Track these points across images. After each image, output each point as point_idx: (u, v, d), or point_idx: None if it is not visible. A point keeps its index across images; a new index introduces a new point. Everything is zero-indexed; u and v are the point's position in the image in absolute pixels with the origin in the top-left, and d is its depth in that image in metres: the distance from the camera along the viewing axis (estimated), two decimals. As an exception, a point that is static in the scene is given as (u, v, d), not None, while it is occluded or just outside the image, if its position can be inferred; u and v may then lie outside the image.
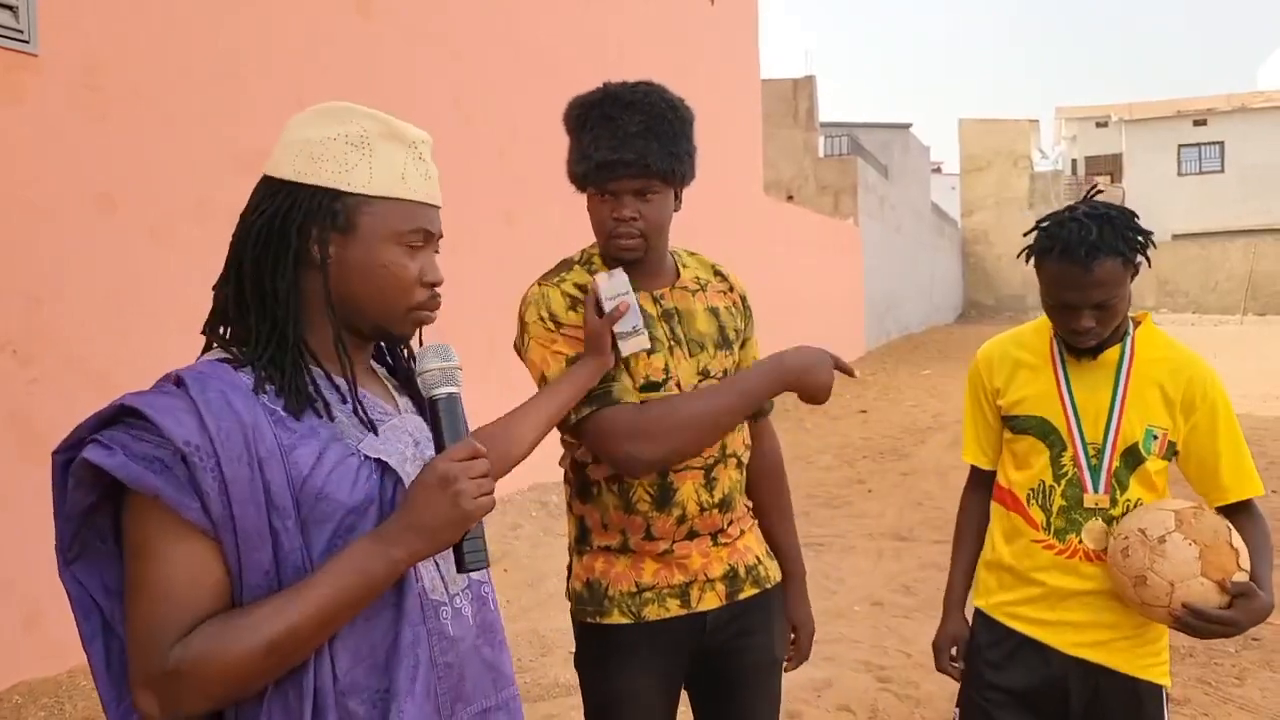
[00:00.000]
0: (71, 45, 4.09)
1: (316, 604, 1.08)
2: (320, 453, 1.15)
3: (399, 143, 1.24)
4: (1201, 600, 1.73)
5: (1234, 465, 1.93)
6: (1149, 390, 1.93)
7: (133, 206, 4.33)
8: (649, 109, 1.83)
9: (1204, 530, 1.77)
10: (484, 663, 1.29)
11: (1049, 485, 1.96)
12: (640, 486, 1.85)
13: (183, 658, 1.06)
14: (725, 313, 1.99)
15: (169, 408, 1.10)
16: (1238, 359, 17.62)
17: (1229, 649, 4.27)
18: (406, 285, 1.24)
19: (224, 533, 1.09)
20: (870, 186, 22.21)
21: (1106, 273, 1.82)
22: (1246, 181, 37.04)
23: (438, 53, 6.57)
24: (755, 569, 1.98)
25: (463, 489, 1.11)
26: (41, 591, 3.96)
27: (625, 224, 1.83)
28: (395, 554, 1.11)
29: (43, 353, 3.96)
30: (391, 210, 1.22)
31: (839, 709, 3.70)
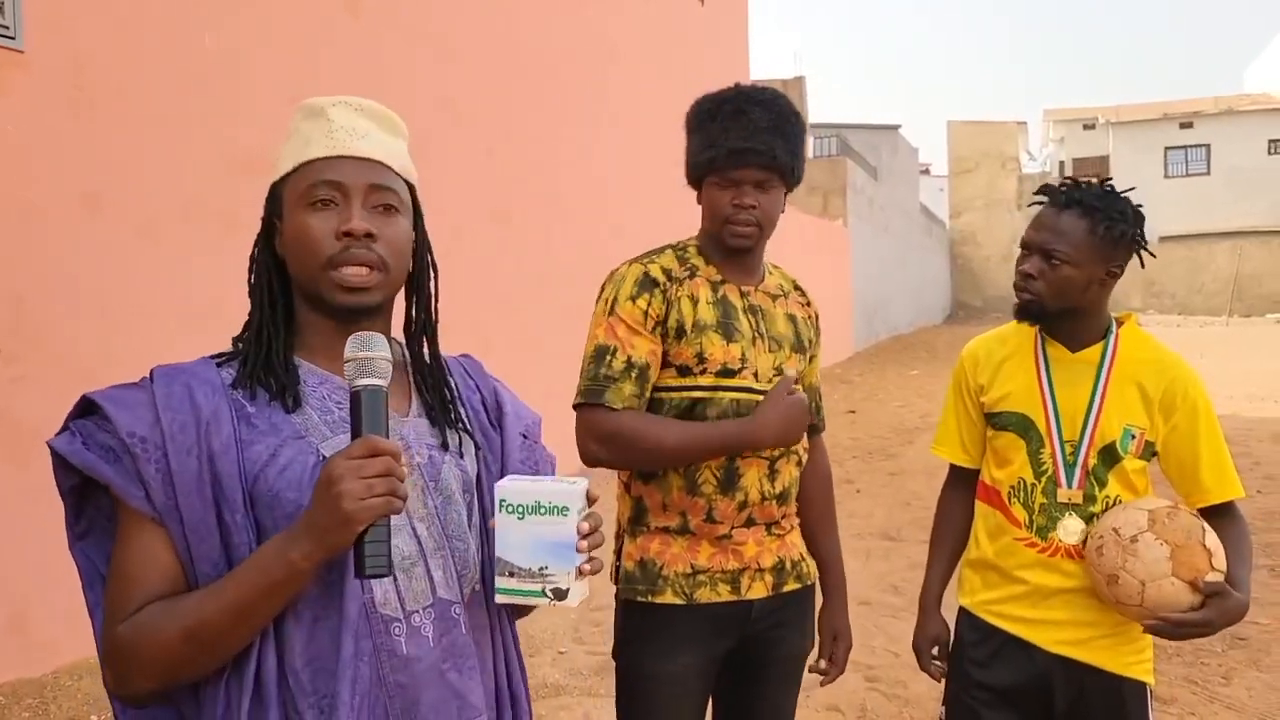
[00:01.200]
0: (58, 42, 4.06)
1: (226, 599, 1.08)
2: (275, 450, 1.16)
3: (311, 117, 1.26)
4: (1173, 600, 1.73)
5: (1214, 467, 1.93)
6: (1129, 390, 1.94)
7: (119, 205, 4.31)
8: (778, 109, 1.93)
9: (1177, 530, 1.77)
10: (449, 688, 1.21)
11: (1029, 482, 1.97)
12: (708, 469, 1.90)
13: (122, 635, 1.11)
14: (802, 322, 2.08)
15: (126, 401, 1.14)
16: (1224, 360, 17.72)
17: (1216, 648, 4.29)
18: (314, 242, 1.20)
19: (170, 521, 1.12)
20: (859, 188, 22.26)
21: (1068, 224, 1.88)
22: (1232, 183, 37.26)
23: (428, 52, 6.55)
24: (799, 565, 2.05)
25: (345, 489, 1.03)
26: (27, 592, 3.93)
27: (745, 211, 1.92)
28: (291, 554, 1.07)
29: (27, 351, 3.93)
30: (297, 178, 1.23)
31: (828, 709, 3.71)
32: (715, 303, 1.94)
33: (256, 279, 1.27)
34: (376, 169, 1.24)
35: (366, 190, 1.22)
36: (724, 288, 1.97)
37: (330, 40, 5.64)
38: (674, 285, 1.93)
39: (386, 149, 1.27)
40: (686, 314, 1.91)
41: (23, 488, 3.92)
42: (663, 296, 1.91)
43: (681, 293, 1.93)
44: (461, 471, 1.31)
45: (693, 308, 1.92)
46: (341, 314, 1.23)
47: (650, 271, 1.93)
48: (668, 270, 1.94)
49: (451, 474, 1.29)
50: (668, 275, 1.94)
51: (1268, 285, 32.71)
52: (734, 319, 1.94)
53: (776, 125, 1.91)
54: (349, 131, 1.24)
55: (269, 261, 1.26)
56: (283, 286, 1.27)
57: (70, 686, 3.88)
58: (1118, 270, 1.93)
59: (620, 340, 1.89)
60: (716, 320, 1.92)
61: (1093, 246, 1.87)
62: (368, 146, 1.24)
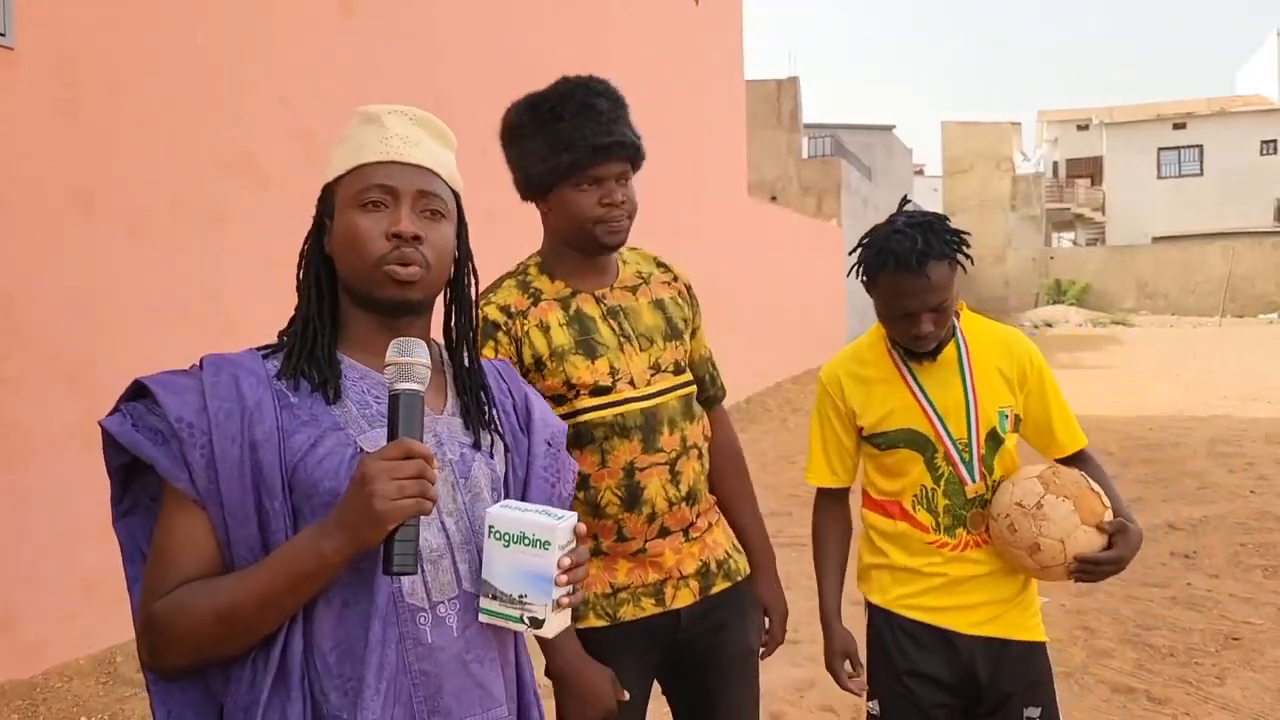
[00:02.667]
0: (48, 39, 4.03)
1: (257, 587, 1.13)
2: (315, 440, 1.20)
3: (367, 123, 1.31)
4: (1089, 547, 1.86)
5: (1064, 422, 2.09)
6: (990, 374, 2.05)
7: (109, 204, 4.28)
8: (613, 96, 1.87)
9: (1067, 484, 1.90)
10: (471, 679, 1.25)
11: (930, 488, 2.04)
12: (608, 489, 1.84)
13: (158, 611, 1.15)
14: (671, 303, 1.99)
15: (176, 386, 1.20)
16: (1217, 361, 17.78)
17: (1209, 649, 4.30)
18: (363, 241, 1.25)
19: (211, 505, 1.17)
20: (853, 188, 22.28)
21: (939, 276, 1.92)
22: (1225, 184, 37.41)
23: (419, 52, 6.53)
24: (726, 563, 1.99)
25: (378, 489, 1.08)
26: (16, 594, 3.90)
27: (618, 208, 1.84)
28: (324, 547, 1.11)
29: (16, 351, 3.90)
30: (350, 180, 1.28)
31: (822, 709, 3.70)
32: (569, 322, 1.86)
33: (305, 274, 1.32)
34: (426, 176, 1.29)
35: (416, 195, 1.28)
36: (576, 300, 1.89)
37: (321, 39, 5.61)
38: (517, 320, 1.84)
39: (436, 158, 1.32)
40: (540, 345, 1.83)
41: (12, 489, 3.89)
42: (508, 336, 1.83)
43: (528, 324, 1.84)
44: (491, 470, 1.35)
45: (544, 336, 1.84)
46: (386, 308, 1.28)
47: (489, 315, 1.84)
48: (506, 307, 1.86)
49: (481, 472, 1.33)
50: (508, 313, 1.85)
51: (1260, 286, 32.81)
52: (593, 333, 1.86)
53: (621, 114, 1.85)
54: (402, 139, 1.29)
55: (318, 259, 1.31)
56: (329, 284, 1.32)
57: (60, 688, 3.85)
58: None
59: None
60: (574, 341, 1.84)
61: (953, 275, 1.96)
62: (419, 154, 1.30)
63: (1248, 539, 5.96)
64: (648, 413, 1.87)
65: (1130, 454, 8.86)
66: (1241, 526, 6.24)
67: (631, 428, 1.85)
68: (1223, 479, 7.76)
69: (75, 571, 4.08)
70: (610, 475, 1.85)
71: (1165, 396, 12.96)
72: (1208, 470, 8.13)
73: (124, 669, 4.05)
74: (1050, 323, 30.57)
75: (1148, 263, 34.81)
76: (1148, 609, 4.78)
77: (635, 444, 1.85)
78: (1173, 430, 10.15)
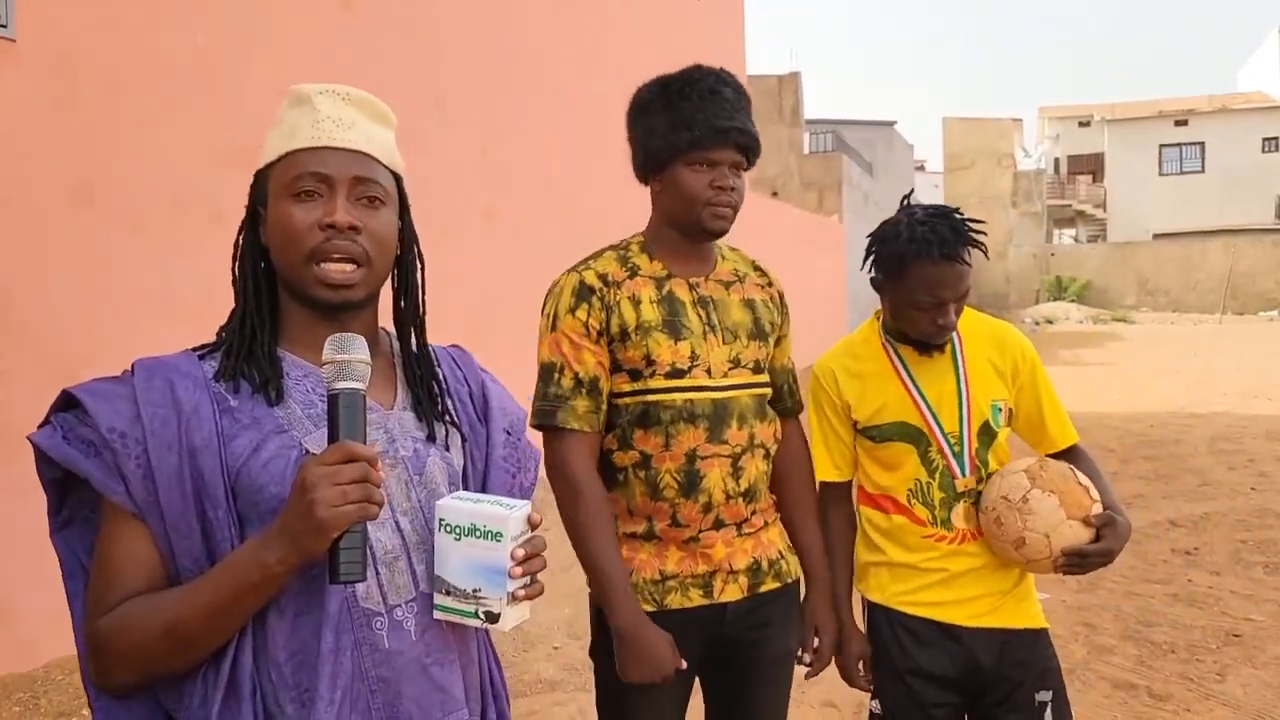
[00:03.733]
0: (49, 33, 4.02)
1: (204, 599, 1.08)
2: (258, 444, 1.15)
3: (298, 105, 1.24)
4: (1075, 540, 1.87)
5: (1056, 416, 2.09)
6: (983, 368, 2.06)
7: (108, 200, 4.27)
8: (739, 89, 1.89)
9: (1054, 478, 1.91)
10: (431, 682, 1.21)
11: (925, 481, 2.04)
12: (667, 473, 1.86)
13: (104, 628, 1.11)
14: (762, 305, 2.01)
15: (106, 395, 1.14)
16: (1217, 358, 17.77)
17: (1211, 645, 4.29)
18: (295, 233, 1.18)
19: (151, 517, 1.12)
20: (854, 183, 22.26)
21: (964, 268, 1.96)
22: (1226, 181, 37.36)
23: (420, 49, 6.52)
24: (777, 563, 1.99)
25: (319, 496, 1.02)
26: (14, 587, 3.90)
27: (726, 194, 1.86)
28: (267, 558, 1.06)
29: (13, 346, 3.90)
30: (282, 168, 1.21)
31: (824, 705, 3.70)
32: (659, 301, 1.89)
33: (240, 268, 1.25)
34: (362, 160, 1.22)
35: (351, 182, 1.20)
36: (670, 283, 1.91)
37: (321, 36, 5.60)
38: (611, 289, 1.87)
39: (372, 139, 1.24)
40: (628, 317, 1.86)
41: (9, 483, 3.89)
42: (601, 303, 1.86)
43: (621, 295, 1.87)
44: (447, 465, 1.29)
45: (634, 309, 1.87)
46: (325, 308, 1.22)
47: (585, 279, 1.88)
48: (604, 275, 1.89)
49: (436, 467, 1.28)
50: (604, 280, 1.88)
51: (1261, 283, 32.79)
52: (681, 315, 1.88)
53: (746, 108, 1.88)
54: (335, 122, 1.22)
55: (254, 250, 1.24)
56: (268, 276, 1.25)
57: (60, 681, 3.86)
58: None
59: (565, 356, 1.86)
60: (661, 319, 1.87)
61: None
62: (354, 137, 1.22)
63: (1248, 536, 5.96)
64: (718, 403, 1.88)
65: (1131, 451, 8.86)
66: (1242, 523, 6.23)
67: (699, 415, 1.86)
68: (1223, 476, 7.76)
69: (75, 566, 4.07)
70: (672, 459, 1.85)
71: (1166, 393, 12.94)
72: (1209, 467, 8.13)
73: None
74: (1051, 319, 30.56)
75: (1149, 260, 34.77)
76: (1149, 605, 4.77)
77: (701, 432, 1.86)
78: (1174, 427, 10.14)
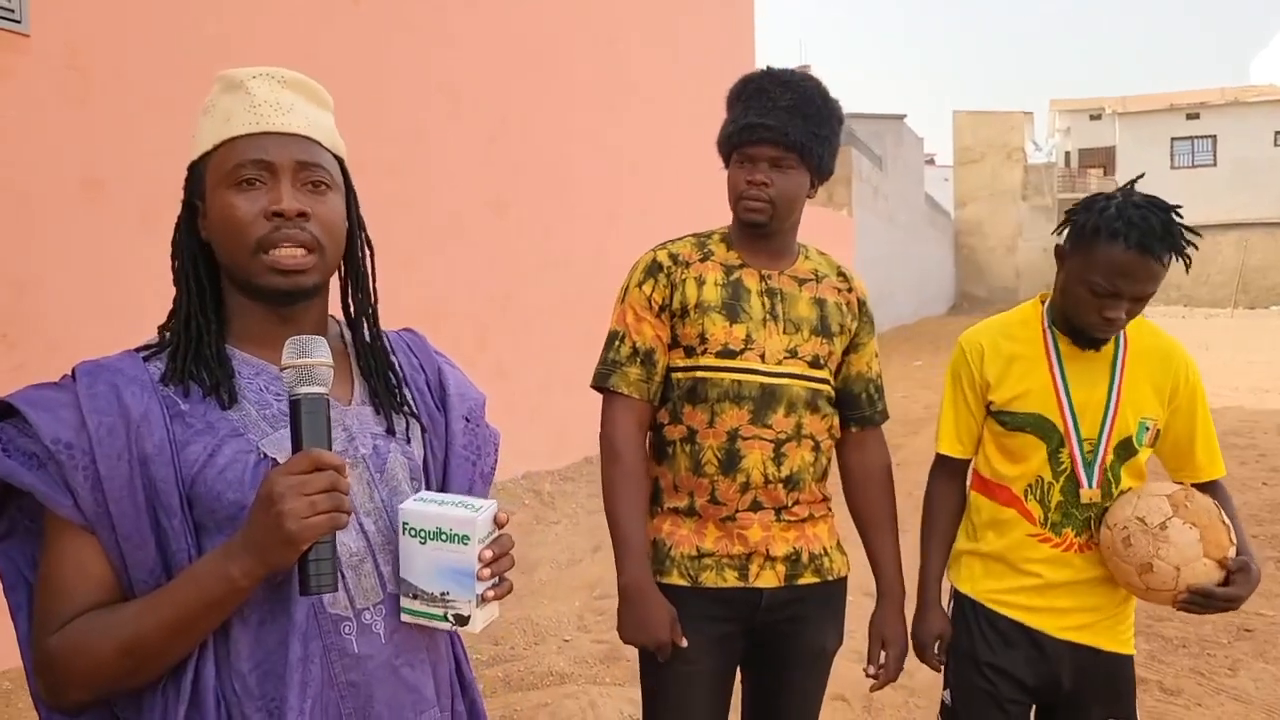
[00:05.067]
0: (62, 26, 4.03)
1: (162, 616, 1.04)
2: (213, 449, 1.10)
3: (231, 90, 1.18)
4: (1206, 579, 1.76)
5: (1207, 447, 1.98)
6: (1141, 383, 1.95)
7: (120, 192, 4.29)
8: (800, 90, 1.92)
9: (1200, 512, 1.80)
10: (402, 683, 1.19)
11: (1048, 481, 1.96)
12: (709, 449, 1.91)
13: (55, 647, 1.05)
14: (834, 306, 2.02)
15: (49, 403, 1.08)
16: (1229, 352, 17.68)
17: (1222, 640, 4.28)
18: (240, 224, 1.13)
19: (101, 530, 1.06)
20: (864, 177, 22.19)
21: (1159, 268, 1.82)
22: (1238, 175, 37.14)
23: (429, 39, 6.51)
24: (820, 558, 2.00)
25: (287, 509, 0.98)
26: (28, 579, 3.92)
27: (756, 187, 1.91)
28: (231, 571, 1.02)
29: (27, 338, 3.91)
30: (220, 156, 1.15)
31: (834, 698, 3.69)
32: (725, 285, 1.96)
33: (180, 265, 1.20)
34: (305, 145, 1.17)
35: (295, 168, 1.15)
36: (741, 271, 1.98)
37: (331, 27, 5.60)
38: (679, 268, 1.97)
39: (313, 123, 1.19)
40: (690, 295, 1.94)
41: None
42: (667, 280, 1.96)
43: (688, 275, 1.96)
44: (408, 459, 1.26)
45: (698, 289, 1.95)
46: (276, 298, 1.17)
47: (658, 257, 1.99)
48: (676, 255, 1.99)
49: (398, 463, 1.24)
50: (674, 259, 1.98)
51: (1273, 277, 32.62)
52: (743, 300, 1.94)
53: (795, 105, 1.90)
54: (273, 106, 1.16)
55: (193, 245, 1.20)
56: (209, 272, 1.20)
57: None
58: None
59: (628, 326, 1.97)
60: (721, 301, 1.94)
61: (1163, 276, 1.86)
62: (294, 121, 1.17)
63: (1260, 531, 5.93)
64: (766, 388, 1.91)
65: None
66: (1254, 518, 6.20)
67: (746, 397, 1.91)
68: (1234, 470, 7.72)
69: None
70: (715, 436, 1.91)
71: (1177, 388, 12.88)
72: (1220, 462, 8.10)
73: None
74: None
75: (1160, 253, 34.58)
76: (1159, 600, 4.76)
77: (744, 413, 1.91)
78: (1185, 421, 10.09)
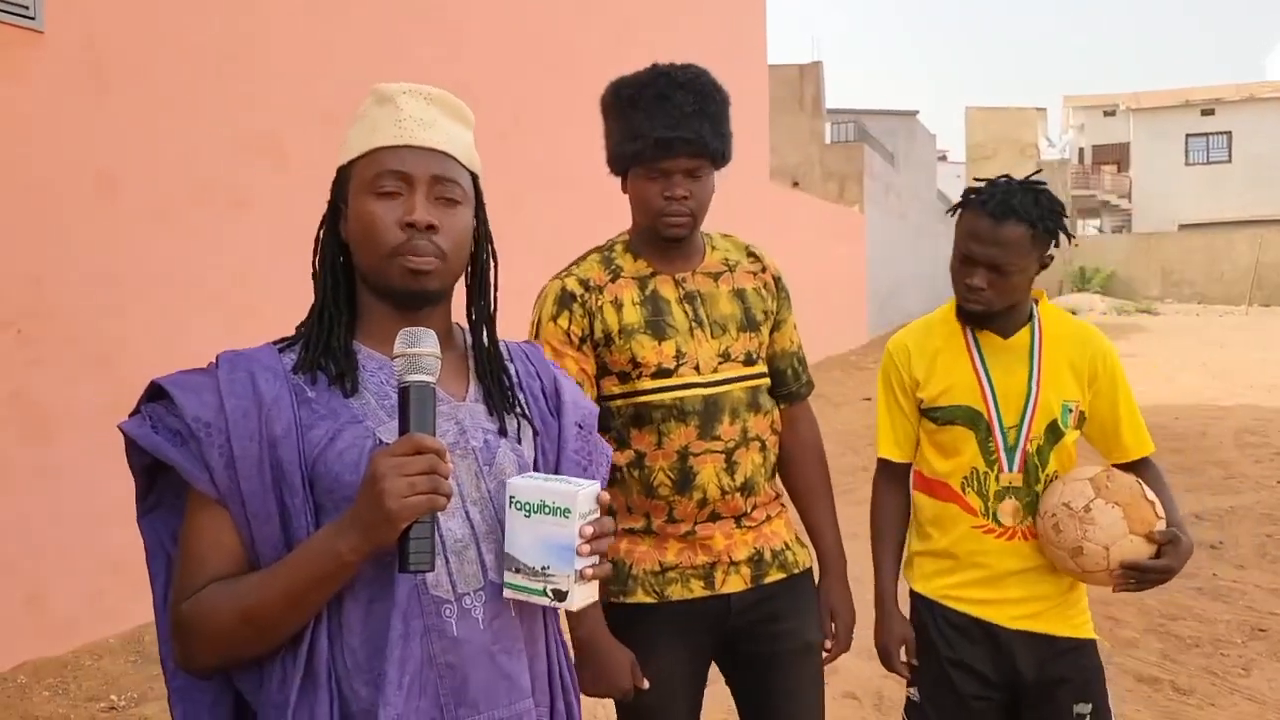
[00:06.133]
0: (76, 23, 4.06)
1: (279, 586, 1.12)
2: (334, 434, 1.19)
3: (381, 103, 1.27)
4: (1134, 555, 1.82)
5: (1132, 426, 2.05)
6: (1060, 367, 2.01)
7: (134, 187, 4.31)
8: (700, 90, 1.86)
9: (1121, 490, 1.86)
10: (497, 670, 1.23)
11: (982, 471, 2.00)
12: (660, 470, 1.87)
13: (186, 612, 1.15)
14: (753, 294, 1.99)
15: (192, 385, 1.18)
16: (1243, 350, 17.59)
17: (1235, 640, 4.27)
18: (378, 230, 1.22)
19: (233, 505, 1.16)
20: (876, 174, 22.14)
21: (1011, 236, 1.90)
22: (1254, 172, 36.91)
23: (441, 37, 6.52)
24: (782, 554, 1.98)
25: (388, 487, 1.05)
26: (46, 572, 3.95)
27: (678, 202, 1.86)
28: (339, 547, 1.09)
29: (44, 333, 3.94)
30: (363, 165, 1.25)
31: (844, 696, 3.70)
32: (643, 302, 1.90)
33: (320, 263, 1.29)
34: (441, 160, 1.26)
35: (430, 182, 1.24)
36: (654, 281, 1.92)
37: (344, 24, 5.62)
38: (593, 294, 1.89)
39: (452, 139, 1.28)
40: (611, 321, 1.88)
41: (41, 468, 3.94)
42: (583, 309, 1.88)
43: (603, 300, 1.89)
44: (517, 456, 1.32)
45: (616, 313, 1.88)
46: (403, 298, 1.25)
47: (567, 286, 1.90)
48: (586, 280, 1.91)
49: (507, 458, 1.30)
50: (585, 285, 1.90)
51: (1288, 275, 32.40)
52: (665, 314, 1.89)
53: (701, 108, 1.84)
54: (417, 121, 1.25)
55: (333, 245, 1.29)
56: (346, 271, 1.29)
57: (90, 666, 3.91)
58: (1048, 260, 2.00)
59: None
60: (644, 321, 1.88)
61: (1032, 250, 1.93)
62: (434, 137, 1.26)
63: (1275, 529, 5.91)
64: (709, 400, 1.88)
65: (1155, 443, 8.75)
66: (1269, 517, 6.18)
67: (690, 413, 1.86)
68: (1249, 469, 7.69)
69: (104, 550, 4.13)
70: (664, 457, 1.87)
71: (1191, 385, 12.83)
72: (1234, 460, 8.06)
73: (152, 648, 4.10)
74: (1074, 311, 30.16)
75: (1174, 251, 34.43)
76: (1173, 599, 4.74)
77: (691, 429, 1.86)
78: (1199, 419, 10.05)
